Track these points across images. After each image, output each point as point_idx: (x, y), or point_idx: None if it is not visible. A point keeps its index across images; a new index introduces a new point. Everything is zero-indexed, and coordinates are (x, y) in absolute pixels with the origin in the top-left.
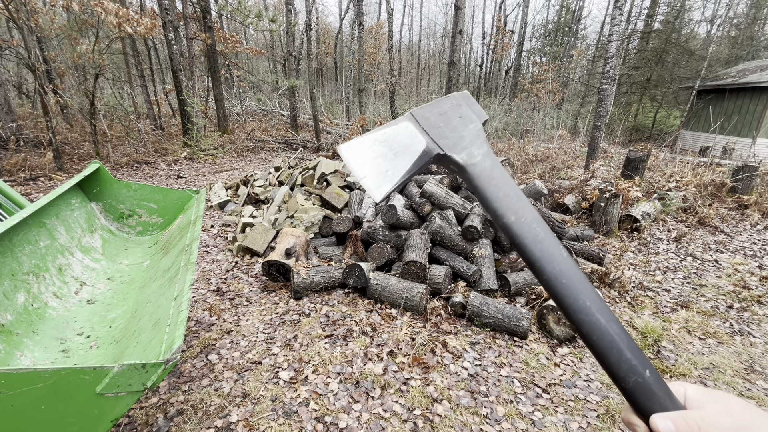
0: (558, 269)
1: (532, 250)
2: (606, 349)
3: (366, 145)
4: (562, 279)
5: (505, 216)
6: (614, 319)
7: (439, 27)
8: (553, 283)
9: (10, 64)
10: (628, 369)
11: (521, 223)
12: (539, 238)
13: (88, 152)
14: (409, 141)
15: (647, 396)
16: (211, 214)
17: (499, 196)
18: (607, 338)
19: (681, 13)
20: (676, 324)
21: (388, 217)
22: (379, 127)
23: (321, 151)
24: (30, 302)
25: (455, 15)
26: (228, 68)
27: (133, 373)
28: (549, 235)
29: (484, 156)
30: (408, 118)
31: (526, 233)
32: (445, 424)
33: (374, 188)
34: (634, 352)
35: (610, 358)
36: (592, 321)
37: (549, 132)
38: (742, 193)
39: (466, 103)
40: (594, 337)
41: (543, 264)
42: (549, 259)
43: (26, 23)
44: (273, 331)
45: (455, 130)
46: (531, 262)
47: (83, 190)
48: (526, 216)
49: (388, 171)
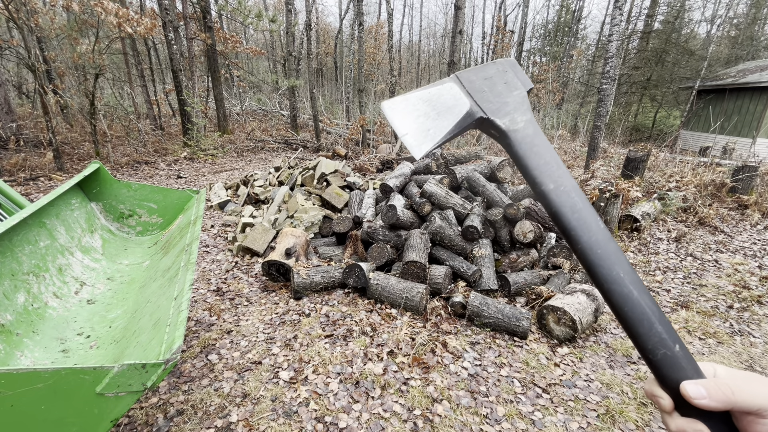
0: (594, 239)
1: (569, 218)
2: (637, 320)
3: (410, 103)
4: (597, 249)
5: (544, 183)
6: (647, 293)
7: (439, 27)
8: (587, 252)
9: (10, 64)
10: (658, 342)
11: (560, 191)
12: (577, 207)
13: (88, 152)
14: (453, 102)
15: (675, 369)
16: (211, 214)
17: (540, 163)
18: (638, 310)
19: (681, 13)
20: (676, 324)
21: (388, 217)
22: (423, 86)
23: (321, 151)
24: (30, 302)
25: (455, 15)
26: (228, 68)
27: (133, 373)
28: (587, 205)
29: (527, 123)
30: (453, 80)
31: (564, 202)
32: (445, 424)
33: (415, 146)
34: (665, 326)
35: (639, 329)
36: (624, 292)
37: (549, 132)
38: (742, 193)
39: (513, 70)
40: (626, 308)
41: (579, 233)
42: (585, 228)
43: (26, 23)
44: (273, 331)
45: (500, 96)
46: (566, 231)
47: (83, 190)
48: (565, 185)
49: (430, 130)
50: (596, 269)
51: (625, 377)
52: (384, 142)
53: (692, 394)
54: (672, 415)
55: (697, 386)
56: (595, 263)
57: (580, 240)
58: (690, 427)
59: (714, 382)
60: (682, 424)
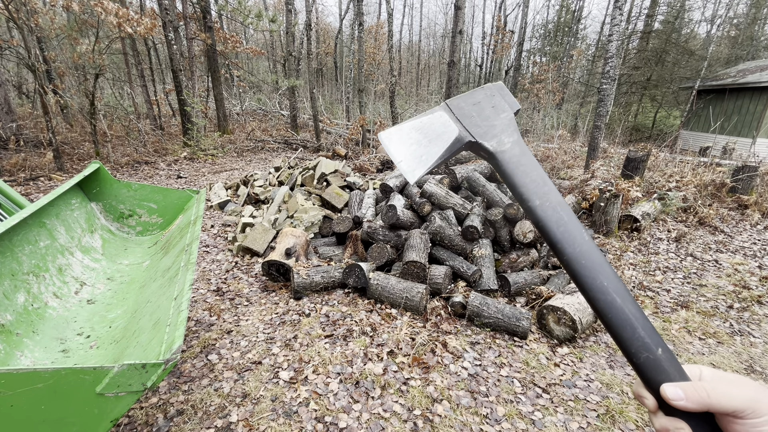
0: (578, 251)
1: (555, 232)
2: (620, 326)
3: (403, 133)
4: (581, 260)
5: (530, 200)
6: (631, 300)
7: (439, 27)
8: (572, 263)
9: (10, 64)
10: (640, 346)
11: (545, 206)
12: (563, 221)
13: (88, 152)
14: (443, 129)
15: (658, 371)
16: (211, 214)
17: (526, 181)
18: (621, 316)
19: (681, 13)
20: (676, 324)
21: (388, 217)
22: (416, 116)
23: (321, 151)
24: (30, 302)
25: (455, 15)
26: (228, 68)
27: (133, 373)
28: (572, 219)
29: (514, 144)
30: (443, 108)
31: (550, 216)
32: (445, 424)
33: (409, 171)
34: (647, 331)
35: (623, 334)
36: (608, 300)
37: (549, 132)
38: (742, 193)
39: (500, 93)
40: (609, 315)
41: (564, 245)
42: (570, 241)
43: (26, 23)
44: (273, 331)
45: (487, 119)
46: (552, 243)
47: (83, 190)
48: (550, 200)
49: (423, 156)
50: (581, 279)
51: (625, 377)
52: None
53: (670, 395)
54: (657, 414)
55: (676, 388)
56: (580, 273)
57: (565, 252)
58: (672, 425)
59: (692, 385)
60: (665, 422)
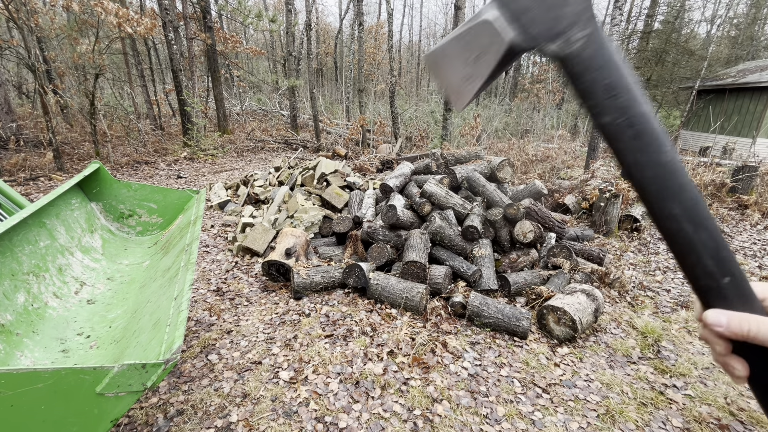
0: (654, 173)
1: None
2: (684, 253)
3: (447, 51)
4: (652, 186)
5: (603, 116)
6: (705, 228)
7: (439, 27)
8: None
9: (10, 64)
10: (701, 273)
11: (621, 123)
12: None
13: (88, 152)
14: (490, 40)
15: (716, 298)
16: (211, 214)
17: (596, 90)
18: (687, 245)
19: (681, 13)
20: (676, 324)
21: (388, 217)
22: (461, 25)
23: (321, 151)
24: (30, 302)
25: (455, 15)
26: (228, 68)
27: (133, 373)
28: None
29: (588, 40)
30: (491, 6)
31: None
32: (445, 424)
33: (455, 98)
34: (716, 260)
35: (685, 261)
36: (674, 228)
37: (549, 132)
38: (742, 193)
39: None
40: (676, 244)
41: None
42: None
43: (26, 23)
44: (273, 331)
45: (550, 10)
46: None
47: (83, 190)
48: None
49: (471, 77)
50: (650, 206)
51: (625, 377)
52: (384, 142)
53: (711, 320)
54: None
55: (720, 315)
56: (649, 200)
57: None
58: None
59: (742, 315)
60: (705, 334)
